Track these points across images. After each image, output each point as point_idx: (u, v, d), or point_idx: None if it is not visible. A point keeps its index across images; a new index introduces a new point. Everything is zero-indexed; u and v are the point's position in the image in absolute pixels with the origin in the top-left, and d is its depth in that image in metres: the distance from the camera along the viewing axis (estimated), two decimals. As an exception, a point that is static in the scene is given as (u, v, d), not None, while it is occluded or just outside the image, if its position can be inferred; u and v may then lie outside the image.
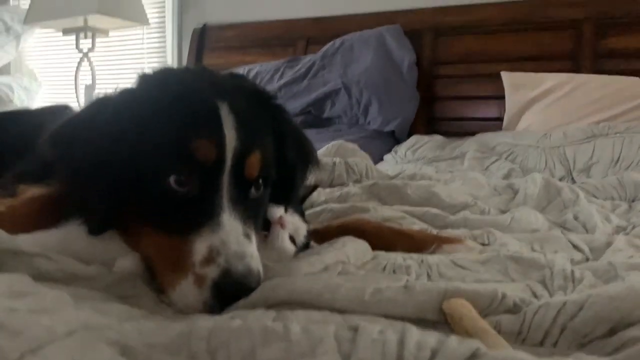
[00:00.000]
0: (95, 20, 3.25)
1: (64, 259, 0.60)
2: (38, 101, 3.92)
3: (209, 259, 0.61)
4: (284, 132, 0.78)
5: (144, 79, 0.74)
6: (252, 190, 0.70)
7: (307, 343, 0.38)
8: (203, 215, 0.63)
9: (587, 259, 0.91)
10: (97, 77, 3.51)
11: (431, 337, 0.36)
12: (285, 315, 0.50)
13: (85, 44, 3.44)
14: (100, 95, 0.75)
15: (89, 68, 3.48)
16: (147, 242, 0.66)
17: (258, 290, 0.59)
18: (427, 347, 0.35)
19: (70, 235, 0.67)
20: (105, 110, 0.70)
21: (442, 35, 2.76)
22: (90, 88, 3.40)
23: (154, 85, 0.72)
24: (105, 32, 3.43)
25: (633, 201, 1.50)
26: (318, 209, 1.17)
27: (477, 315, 0.53)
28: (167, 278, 0.62)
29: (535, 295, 0.62)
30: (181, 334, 0.41)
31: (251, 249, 0.64)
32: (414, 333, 0.37)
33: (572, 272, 0.67)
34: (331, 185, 1.48)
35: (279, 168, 0.76)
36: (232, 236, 0.62)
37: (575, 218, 1.20)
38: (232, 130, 0.66)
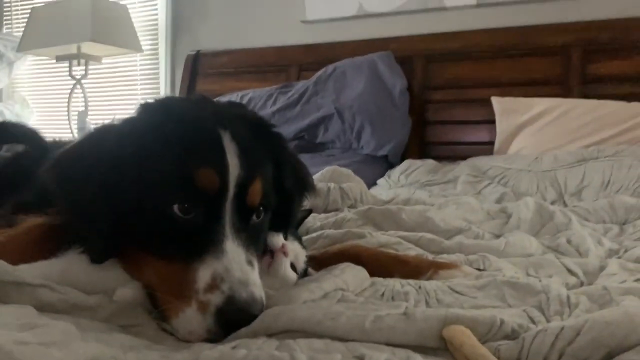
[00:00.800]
0: (88, 47, 3.28)
1: (67, 289, 0.60)
2: (30, 128, 3.90)
3: (213, 286, 0.61)
4: (282, 159, 0.79)
5: (146, 108, 0.75)
6: (254, 217, 0.71)
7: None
8: (206, 242, 0.64)
9: (582, 283, 0.92)
10: (89, 103, 3.52)
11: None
12: (288, 344, 0.51)
13: (78, 70, 3.46)
14: (102, 124, 0.76)
15: (81, 95, 3.50)
16: (149, 269, 0.66)
17: (259, 319, 0.59)
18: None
19: (70, 265, 0.68)
20: (108, 139, 0.71)
21: (433, 61, 2.80)
22: (82, 115, 3.41)
23: (157, 114, 0.73)
24: (98, 59, 3.46)
25: (624, 224, 1.52)
26: (314, 235, 1.18)
27: (477, 342, 0.54)
28: (170, 305, 0.63)
29: (532, 321, 0.63)
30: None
31: (254, 276, 0.64)
32: (419, 361, 0.38)
33: (568, 297, 0.68)
34: (326, 211, 1.49)
35: (277, 195, 0.77)
36: (235, 263, 0.63)
37: (569, 242, 1.21)
38: (235, 159, 0.68)
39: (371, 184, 2.26)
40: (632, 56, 2.41)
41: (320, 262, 0.92)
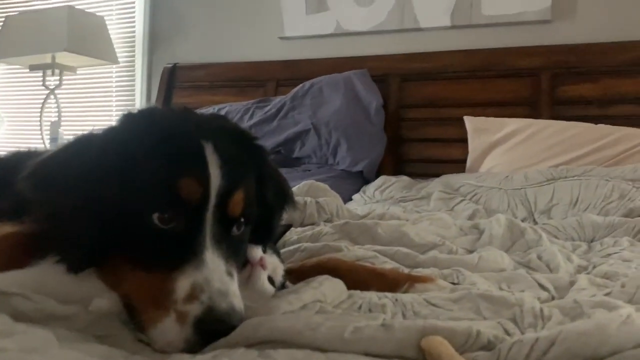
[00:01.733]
0: (63, 57, 3.24)
1: (42, 299, 0.59)
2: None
3: (192, 296, 0.61)
4: (264, 172, 0.80)
5: (128, 117, 0.75)
6: (234, 228, 0.71)
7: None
8: (186, 252, 0.64)
9: (553, 297, 0.94)
10: (62, 114, 3.47)
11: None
12: (268, 354, 0.51)
13: (52, 80, 3.41)
14: (82, 134, 0.75)
15: (55, 105, 3.44)
16: (128, 279, 0.65)
17: (239, 329, 0.59)
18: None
19: (46, 274, 0.66)
20: (90, 148, 0.70)
21: (408, 80, 2.85)
22: (55, 125, 3.36)
23: (140, 124, 0.72)
24: (73, 70, 3.42)
25: (592, 242, 1.56)
26: (291, 248, 1.18)
27: (455, 352, 0.55)
28: (148, 316, 0.62)
29: (507, 333, 0.64)
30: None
31: (234, 287, 0.64)
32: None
33: (541, 310, 0.70)
34: (302, 225, 1.49)
35: (258, 208, 0.77)
36: (215, 274, 0.63)
37: (539, 258, 1.23)
38: (217, 169, 0.68)
39: (347, 199, 2.27)
40: (598, 80, 2.50)
41: (297, 274, 0.93)
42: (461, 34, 2.85)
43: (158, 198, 0.65)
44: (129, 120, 0.74)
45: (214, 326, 0.59)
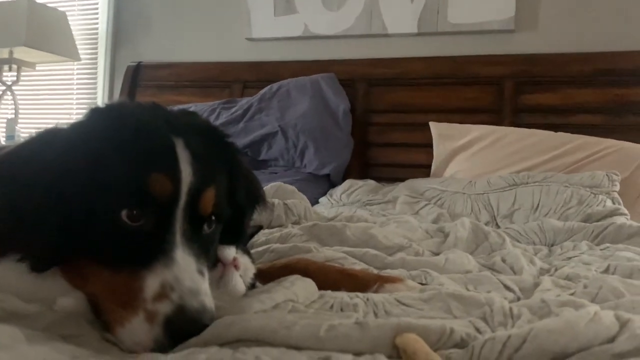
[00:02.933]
0: (21, 52, 3.13)
1: (4, 296, 0.57)
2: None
3: (162, 295, 0.59)
4: (235, 171, 0.78)
5: (96, 112, 0.72)
6: (205, 226, 0.70)
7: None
8: (155, 250, 0.62)
9: (518, 299, 0.96)
10: (20, 111, 3.36)
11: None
12: (243, 351, 0.50)
13: (9, 76, 3.30)
14: (46, 128, 0.72)
15: (11, 101, 3.33)
16: (94, 278, 0.63)
17: (210, 328, 0.58)
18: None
19: (7, 272, 0.64)
20: (54, 143, 0.68)
21: (375, 85, 2.87)
22: (12, 122, 3.24)
23: (108, 119, 0.70)
24: (32, 66, 3.31)
25: (552, 245, 1.60)
26: (260, 249, 1.17)
27: (429, 349, 0.55)
28: (115, 315, 0.60)
29: (478, 331, 0.65)
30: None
31: (205, 285, 0.63)
32: (385, 362, 0.38)
33: (511, 309, 0.71)
34: (270, 227, 1.48)
35: (229, 207, 0.76)
36: (186, 272, 0.61)
37: (503, 261, 1.26)
38: (188, 166, 0.66)
39: (313, 202, 2.27)
40: (559, 89, 2.58)
41: (267, 275, 0.91)
42: (427, 41, 2.89)
43: (127, 194, 0.63)
44: (97, 114, 0.72)
45: (184, 325, 0.58)
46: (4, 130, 3.27)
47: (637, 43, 2.55)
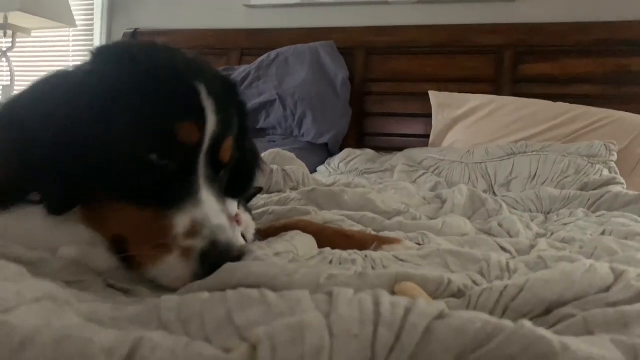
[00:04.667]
0: (16, 18, 3.09)
1: (7, 243, 0.57)
2: (-54, 100, 3.65)
3: (193, 232, 0.61)
4: (244, 126, 0.79)
5: (102, 53, 0.70)
6: (222, 172, 0.72)
7: (286, 305, 0.39)
8: (182, 191, 0.64)
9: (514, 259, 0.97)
10: (16, 77, 3.33)
11: (402, 300, 0.38)
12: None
13: (4, 42, 3.25)
14: (55, 70, 0.71)
15: (7, 68, 3.29)
16: (117, 218, 0.64)
17: (216, 274, 0.59)
18: (400, 306, 0.37)
19: (15, 222, 0.64)
20: (65, 86, 0.67)
21: (373, 53, 2.85)
22: (8, 89, 3.22)
23: (121, 60, 0.68)
24: (27, 32, 3.26)
25: (548, 213, 1.61)
26: (259, 211, 1.18)
27: (429, 297, 0.56)
28: (146, 253, 0.61)
29: (475, 284, 0.66)
30: (149, 307, 0.41)
31: (229, 224, 0.65)
32: (387, 295, 0.39)
33: (507, 264, 0.72)
34: (269, 192, 1.49)
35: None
36: (212, 211, 0.64)
37: (500, 225, 1.27)
38: (213, 115, 0.68)
39: (311, 171, 2.27)
40: (559, 59, 2.57)
41: (267, 235, 0.92)
42: (427, 9, 2.86)
43: (156, 139, 0.64)
44: (104, 56, 0.70)
45: (219, 258, 0.60)
46: (0, 97, 3.24)
47: (637, 13, 2.53)
